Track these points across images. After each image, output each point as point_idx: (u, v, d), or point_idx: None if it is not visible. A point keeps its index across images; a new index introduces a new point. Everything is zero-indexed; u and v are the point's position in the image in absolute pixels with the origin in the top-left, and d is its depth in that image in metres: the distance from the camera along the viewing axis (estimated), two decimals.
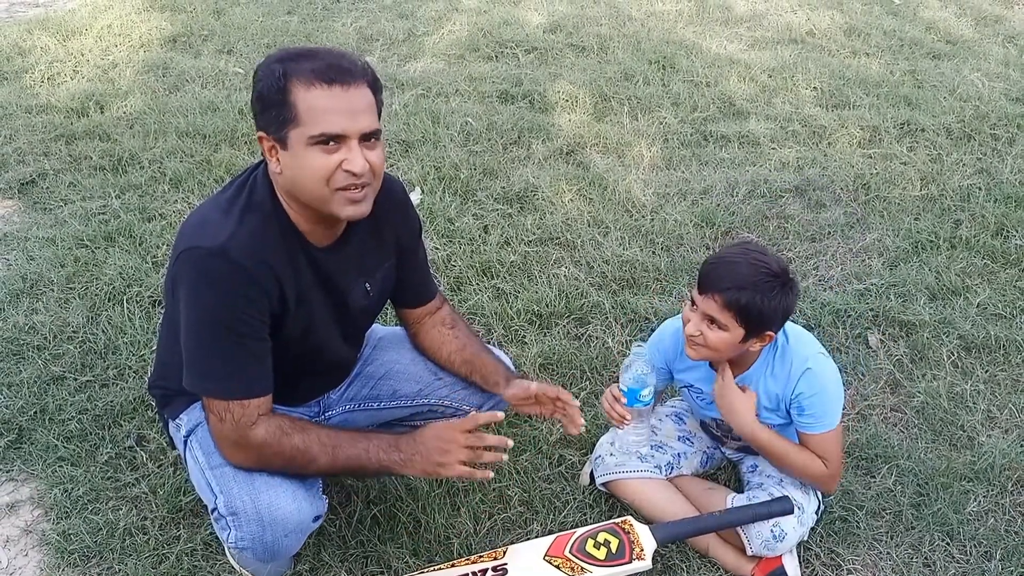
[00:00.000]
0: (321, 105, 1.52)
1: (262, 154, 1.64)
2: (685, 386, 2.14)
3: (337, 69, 1.54)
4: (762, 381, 1.98)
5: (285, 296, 1.66)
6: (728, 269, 1.84)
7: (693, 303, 1.89)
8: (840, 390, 1.98)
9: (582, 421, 1.91)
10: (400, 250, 1.90)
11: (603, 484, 2.18)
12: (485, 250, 3.18)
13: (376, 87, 1.62)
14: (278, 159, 1.59)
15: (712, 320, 1.84)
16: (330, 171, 1.55)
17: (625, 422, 1.98)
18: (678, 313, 2.07)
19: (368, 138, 1.58)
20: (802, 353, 1.95)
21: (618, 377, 2.00)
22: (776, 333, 1.91)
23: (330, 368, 1.97)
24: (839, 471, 2.00)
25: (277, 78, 1.54)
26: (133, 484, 2.20)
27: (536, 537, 2.06)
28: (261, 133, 1.60)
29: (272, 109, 1.55)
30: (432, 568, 1.91)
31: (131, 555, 2.02)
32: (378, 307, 1.95)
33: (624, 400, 1.96)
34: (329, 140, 1.54)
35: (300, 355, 1.77)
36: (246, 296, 1.59)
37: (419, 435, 1.74)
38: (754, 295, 1.80)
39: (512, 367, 2.04)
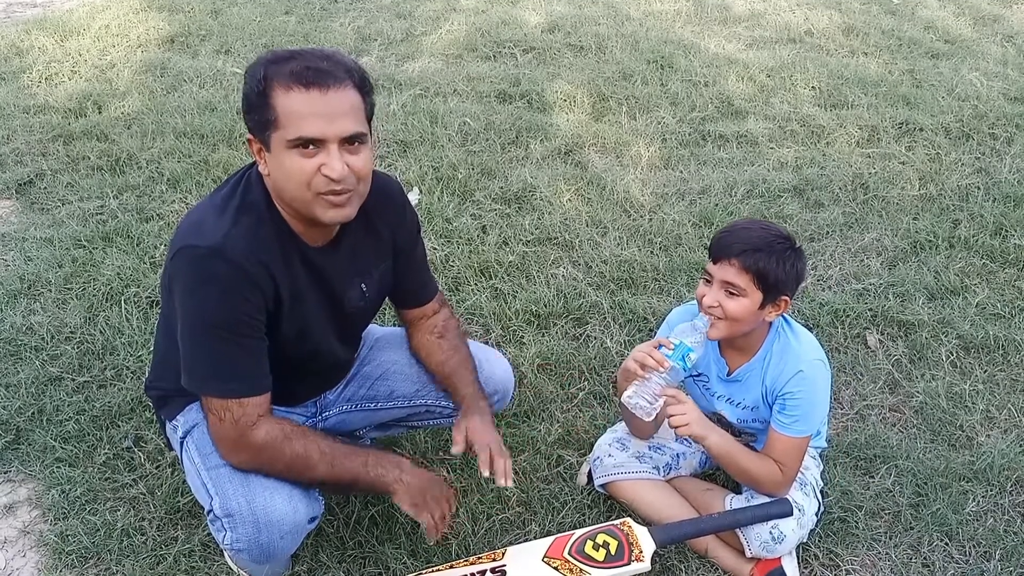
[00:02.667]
0: (298, 108, 1.51)
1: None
2: (691, 375, 2.13)
3: (316, 71, 1.52)
4: (760, 371, 1.99)
5: (280, 295, 1.65)
6: (740, 235, 1.87)
7: (707, 279, 1.90)
8: (826, 402, 2.00)
9: (507, 481, 1.80)
10: (397, 250, 1.89)
11: (601, 485, 2.18)
12: (483, 250, 3.18)
13: (365, 89, 1.60)
14: (265, 161, 1.59)
15: (730, 288, 1.85)
16: (309, 175, 1.54)
17: (661, 369, 1.86)
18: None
19: (352, 141, 1.56)
20: (801, 355, 1.95)
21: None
22: (791, 299, 1.92)
23: (327, 369, 1.97)
24: (792, 480, 1.99)
25: (258, 81, 1.53)
26: (131, 485, 2.20)
27: (534, 538, 2.06)
28: (249, 136, 1.60)
29: (255, 112, 1.55)
30: (431, 569, 1.90)
31: (129, 556, 2.01)
32: (375, 308, 1.95)
33: (671, 348, 1.87)
34: (308, 144, 1.53)
35: (296, 356, 1.77)
36: (242, 295, 1.59)
37: (421, 471, 1.80)
38: (769, 256, 1.83)
39: (478, 390, 1.95)
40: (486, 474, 1.79)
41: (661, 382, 1.88)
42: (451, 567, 1.89)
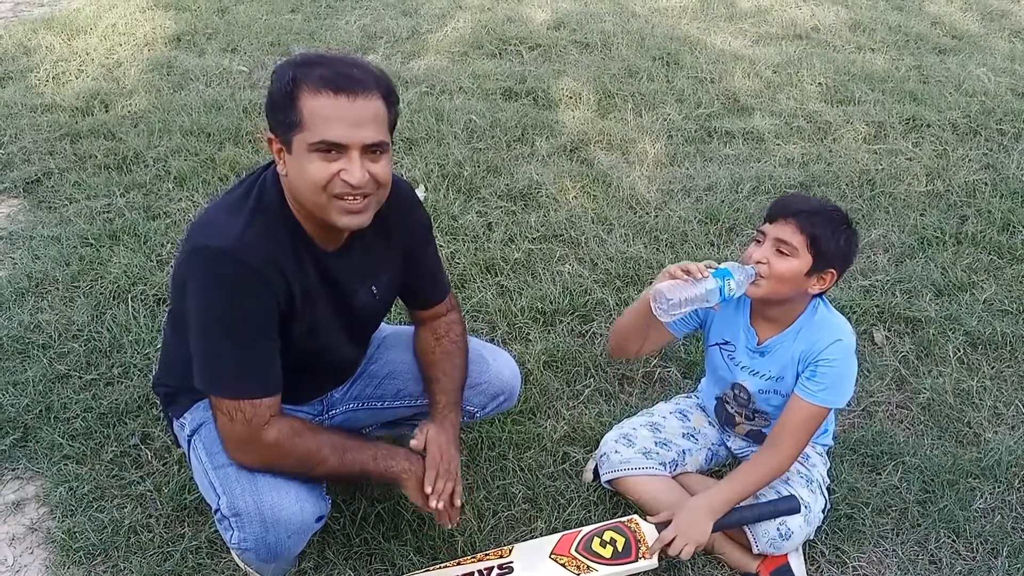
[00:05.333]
0: (324, 112, 1.52)
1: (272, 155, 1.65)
2: (716, 343, 2.12)
3: (346, 78, 1.53)
4: (793, 341, 1.98)
5: (293, 297, 1.66)
6: (801, 200, 1.95)
7: (758, 240, 1.92)
8: (853, 379, 1.99)
9: (439, 504, 1.79)
10: (408, 251, 1.90)
11: (607, 482, 2.18)
12: (489, 247, 3.18)
13: (390, 100, 1.61)
14: (284, 162, 1.60)
15: (781, 247, 1.87)
16: (327, 179, 1.55)
17: (700, 275, 1.82)
18: None
19: (373, 150, 1.57)
20: (839, 325, 1.97)
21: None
22: (838, 276, 1.93)
23: (335, 368, 1.97)
24: (794, 456, 1.97)
25: (287, 82, 1.54)
26: (138, 482, 2.21)
27: (541, 534, 2.07)
28: (271, 135, 1.60)
29: (280, 112, 1.56)
30: (437, 566, 1.91)
31: (136, 553, 2.02)
32: (385, 309, 1.95)
33: (714, 268, 1.85)
34: (330, 148, 1.54)
35: (305, 355, 1.77)
36: (255, 295, 1.59)
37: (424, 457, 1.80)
38: (827, 224, 1.88)
39: (454, 401, 1.93)
40: (428, 490, 1.76)
41: (694, 294, 1.81)
42: (458, 563, 1.90)
